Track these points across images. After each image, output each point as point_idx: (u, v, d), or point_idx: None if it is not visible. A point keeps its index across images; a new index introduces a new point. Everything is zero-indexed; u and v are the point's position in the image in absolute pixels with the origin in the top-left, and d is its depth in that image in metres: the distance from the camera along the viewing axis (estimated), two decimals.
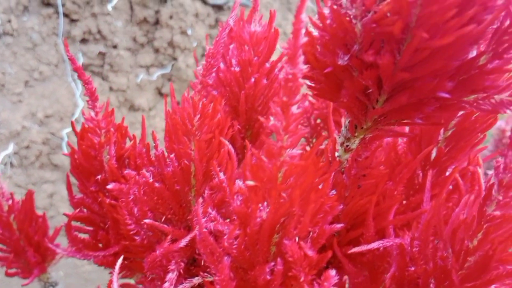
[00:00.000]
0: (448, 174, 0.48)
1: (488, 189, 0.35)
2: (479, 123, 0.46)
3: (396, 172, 0.48)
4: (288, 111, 0.30)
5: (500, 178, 0.34)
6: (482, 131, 0.46)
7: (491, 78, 0.33)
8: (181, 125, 0.42)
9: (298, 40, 0.28)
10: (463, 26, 0.29)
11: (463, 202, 0.39)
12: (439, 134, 0.51)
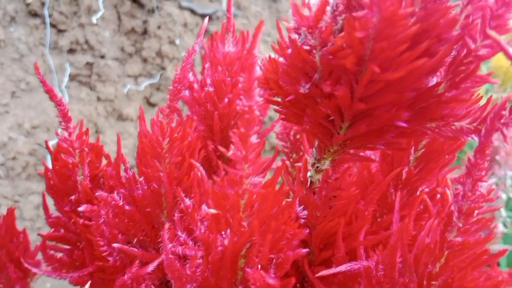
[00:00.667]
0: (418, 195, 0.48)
1: (448, 216, 0.36)
2: (447, 145, 0.46)
3: (368, 192, 0.48)
4: (246, 141, 0.31)
5: (460, 205, 0.35)
6: (451, 153, 0.47)
7: (450, 107, 0.34)
8: (150, 148, 0.42)
9: (252, 74, 0.28)
10: (415, 59, 0.29)
11: (428, 226, 0.40)
12: (410, 154, 0.51)
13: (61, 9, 1.49)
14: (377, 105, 0.32)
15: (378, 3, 0.26)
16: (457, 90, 0.33)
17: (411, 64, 0.29)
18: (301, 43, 0.34)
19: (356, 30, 0.27)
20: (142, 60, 1.63)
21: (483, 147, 0.31)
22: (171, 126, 0.41)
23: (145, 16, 1.59)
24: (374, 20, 0.27)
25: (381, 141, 0.37)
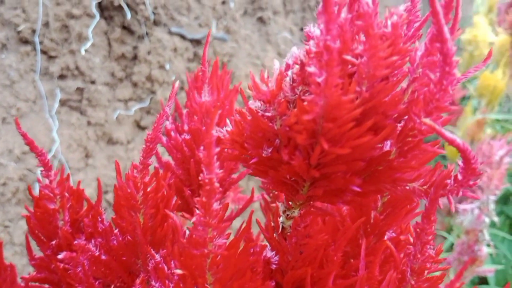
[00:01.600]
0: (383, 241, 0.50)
1: (402, 273, 0.38)
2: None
3: (337, 238, 0.50)
4: (208, 209, 0.33)
5: (412, 265, 0.37)
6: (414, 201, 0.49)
7: (400, 172, 0.36)
8: (125, 201, 0.45)
9: (211, 152, 0.31)
10: (361, 136, 0.32)
11: (387, 279, 0.42)
12: (378, 200, 0.53)
13: (52, 36, 1.51)
14: (330, 172, 0.34)
15: (324, 90, 0.29)
16: (406, 158, 0.35)
17: (357, 141, 0.31)
18: (261, 112, 0.36)
19: (304, 112, 0.30)
20: (132, 84, 1.65)
21: (428, 214, 0.34)
22: (144, 181, 0.44)
23: (135, 42, 1.62)
24: (321, 104, 0.30)
25: (340, 200, 0.39)
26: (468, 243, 1.35)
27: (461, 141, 0.30)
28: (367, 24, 0.28)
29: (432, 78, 0.29)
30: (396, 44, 0.31)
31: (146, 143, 0.43)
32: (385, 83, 0.32)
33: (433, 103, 0.30)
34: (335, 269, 0.50)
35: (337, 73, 0.28)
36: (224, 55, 1.85)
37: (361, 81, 0.31)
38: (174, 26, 1.69)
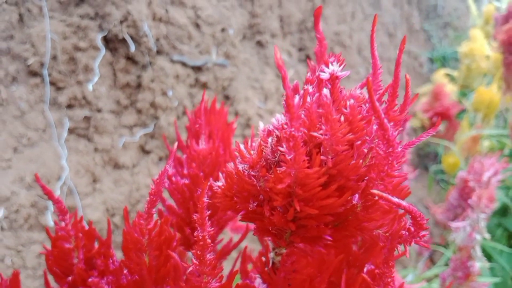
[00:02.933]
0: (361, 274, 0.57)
1: None
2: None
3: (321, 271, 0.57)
4: (203, 260, 0.40)
5: None
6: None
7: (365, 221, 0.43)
8: (132, 245, 0.51)
9: (203, 215, 0.37)
10: (328, 196, 0.38)
11: None
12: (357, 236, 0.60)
13: (60, 68, 1.59)
14: (304, 225, 0.41)
15: (293, 165, 0.35)
16: (369, 211, 0.42)
17: (324, 201, 0.38)
18: (247, 172, 0.43)
19: (279, 182, 0.37)
20: (137, 111, 1.73)
21: (387, 260, 0.40)
22: (149, 227, 0.50)
23: (139, 71, 1.70)
24: (292, 174, 0.36)
25: (317, 244, 0.46)
26: (461, 259, 1.40)
27: (406, 204, 0.36)
28: (326, 112, 0.35)
29: (381, 153, 0.36)
30: (353, 122, 0.37)
31: (150, 196, 0.49)
32: (347, 152, 0.39)
33: (383, 172, 0.37)
34: None
35: (303, 153, 0.35)
36: (225, 79, 1.92)
37: (326, 153, 0.38)
38: (176, 54, 1.77)
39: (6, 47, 1.58)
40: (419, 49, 4.31)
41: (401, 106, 0.40)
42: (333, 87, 0.38)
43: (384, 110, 0.39)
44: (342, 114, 0.38)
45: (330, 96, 0.37)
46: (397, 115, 0.38)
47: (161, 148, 1.80)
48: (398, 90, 0.38)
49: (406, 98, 0.40)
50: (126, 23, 1.63)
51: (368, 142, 0.40)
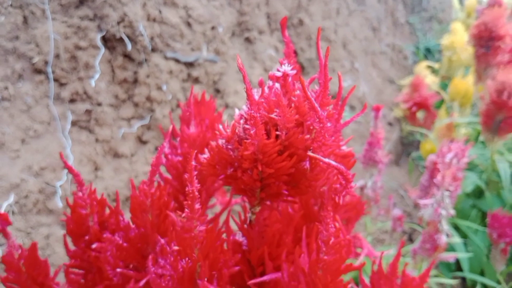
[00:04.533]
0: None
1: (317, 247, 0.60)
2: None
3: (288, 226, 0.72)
4: (193, 208, 0.55)
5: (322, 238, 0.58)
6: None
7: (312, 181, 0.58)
8: (138, 206, 0.66)
9: (192, 174, 0.52)
10: (283, 161, 0.53)
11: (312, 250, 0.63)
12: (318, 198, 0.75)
13: (63, 66, 1.73)
14: (267, 183, 0.56)
15: (254, 137, 0.50)
16: (314, 172, 0.56)
17: (279, 164, 0.53)
18: (225, 146, 0.58)
19: (245, 150, 0.52)
20: (134, 104, 1.87)
21: (326, 206, 0.55)
22: (151, 191, 0.65)
23: (135, 68, 1.84)
24: (255, 145, 0.51)
25: (280, 199, 0.61)
26: (429, 233, 1.56)
27: (335, 164, 0.51)
28: (278, 100, 0.50)
29: (317, 128, 0.51)
30: (299, 107, 0.52)
31: (151, 166, 0.64)
32: (296, 128, 0.54)
33: (320, 142, 0.52)
34: (287, 247, 0.71)
35: (262, 128, 0.50)
36: (215, 74, 2.07)
37: (280, 129, 0.53)
38: (169, 51, 1.91)
39: (12, 47, 1.71)
40: (404, 42, 4.45)
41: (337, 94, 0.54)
42: (285, 81, 0.53)
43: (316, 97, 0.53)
44: (292, 102, 0.53)
45: (281, 88, 0.51)
46: (326, 100, 0.53)
47: (157, 138, 1.94)
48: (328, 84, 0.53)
49: (339, 88, 0.55)
50: (122, 24, 1.77)
51: (311, 121, 0.55)
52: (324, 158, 0.51)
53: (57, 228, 1.65)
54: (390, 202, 1.94)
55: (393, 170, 3.27)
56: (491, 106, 1.96)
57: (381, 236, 2.38)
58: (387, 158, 1.75)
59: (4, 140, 1.61)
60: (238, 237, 0.72)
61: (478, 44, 2.25)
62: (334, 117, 0.54)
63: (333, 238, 0.58)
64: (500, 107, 1.93)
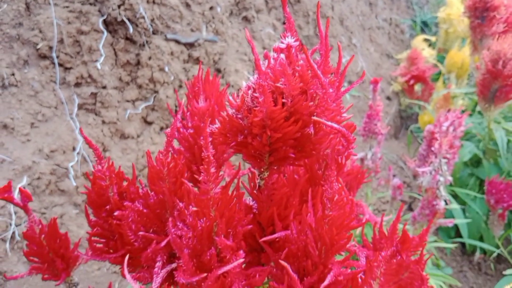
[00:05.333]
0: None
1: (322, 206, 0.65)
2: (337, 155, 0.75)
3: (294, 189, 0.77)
4: (208, 171, 0.60)
5: (327, 195, 0.64)
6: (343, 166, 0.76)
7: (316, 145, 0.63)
8: (156, 174, 0.71)
9: (207, 140, 0.58)
10: (289, 126, 0.58)
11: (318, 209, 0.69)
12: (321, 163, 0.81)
13: (66, 51, 1.77)
14: (275, 148, 0.61)
15: (263, 105, 0.55)
16: (318, 135, 0.62)
17: (286, 129, 0.58)
18: (235, 115, 0.63)
19: (255, 116, 0.57)
20: (137, 86, 1.91)
21: (330, 165, 0.61)
22: (167, 161, 0.70)
23: (137, 50, 1.88)
24: (263, 111, 0.56)
25: (287, 163, 0.66)
26: (428, 199, 1.63)
27: (337, 126, 0.56)
28: (283, 69, 0.55)
29: (320, 94, 0.56)
30: (303, 76, 0.57)
31: (167, 137, 0.70)
32: (300, 96, 0.59)
33: (323, 107, 0.57)
34: (294, 208, 0.77)
35: (269, 96, 0.55)
36: (215, 54, 2.10)
37: (286, 97, 0.58)
38: (170, 33, 1.95)
39: (16, 33, 1.75)
40: (401, 16, 4.46)
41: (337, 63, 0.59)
42: (289, 53, 0.58)
43: (318, 66, 0.58)
44: (296, 71, 0.58)
45: (286, 59, 0.56)
46: (327, 68, 0.58)
47: (161, 119, 1.99)
48: (328, 53, 0.58)
49: (339, 57, 0.60)
50: (123, 7, 1.80)
51: (314, 88, 0.60)
52: (327, 121, 0.56)
53: (70, 207, 1.72)
54: (390, 173, 2.00)
55: (392, 143, 3.33)
56: (486, 75, 2.00)
57: (382, 206, 2.45)
58: (386, 129, 1.80)
59: (14, 124, 1.66)
60: (248, 201, 0.77)
61: (473, 15, 2.28)
62: (335, 84, 0.59)
63: (337, 195, 0.64)
64: (496, 76, 1.97)
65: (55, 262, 1.05)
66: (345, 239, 0.65)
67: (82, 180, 1.75)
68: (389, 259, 0.59)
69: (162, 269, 0.71)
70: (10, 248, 1.56)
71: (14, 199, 0.98)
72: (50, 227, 1.04)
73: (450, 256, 2.55)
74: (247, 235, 0.76)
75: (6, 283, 1.60)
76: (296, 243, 0.69)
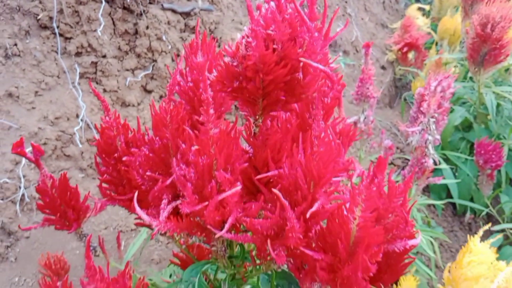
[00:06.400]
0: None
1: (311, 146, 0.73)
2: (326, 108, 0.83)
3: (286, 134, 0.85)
4: (208, 112, 0.67)
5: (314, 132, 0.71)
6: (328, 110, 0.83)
7: (306, 87, 0.70)
8: (160, 121, 0.79)
9: (205, 84, 0.65)
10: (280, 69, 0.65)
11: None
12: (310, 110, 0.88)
13: (66, 21, 1.82)
14: (268, 91, 0.68)
15: (255, 49, 0.62)
16: (306, 79, 0.69)
17: (277, 72, 0.65)
18: (231, 63, 0.70)
19: (249, 60, 0.63)
20: (136, 55, 1.97)
21: (317, 106, 0.68)
22: (170, 109, 0.78)
23: (135, 20, 1.93)
24: (255, 56, 0.63)
25: (279, 107, 0.73)
26: (417, 157, 1.71)
27: (322, 66, 0.63)
28: (273, 17, 0.61)
29: (307, 39, 0.63)
30: (292, 23, 0.64)
31: (169, 87, 0.77)
32: (289, 42, 0.65)
33: (310, 50, 0.64)
34: (286, 151, 0.84)
35: (262, 40, 0.62)
36: (211, 23, 2.15)
37: (277, 43, 0.65)
38: (166, 2, 1.99)
39: (16, 4, 1.79)
40: None
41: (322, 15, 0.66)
42: (279, 2, 0.64)
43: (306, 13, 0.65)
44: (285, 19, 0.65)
45: (276, 8, 0.63)
46: (313, 15, 0.64)
47: (160, 87, 2.05)
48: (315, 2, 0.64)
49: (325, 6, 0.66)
50: None
51: (302, 36, 0.66)
52: (313, 63, 0.63)
53: (76, 172, 1.79)
54: (382, 136, 2.07)
55: (387, 112, 3.40)
56: (476, 39, 2.06)
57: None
58: (378, 93, 1.87)
59: (19, 93, 1.72)
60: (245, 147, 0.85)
61: None
62: (322, 31, 0.66)
63: (323, 133, 0.72)
64: (485, 40, 2.03)
65: (67, 213, 1.13)
66: (331, 173, 0.73)
67: (86, 146, 1.83)
68: (368, 185, 0.67)
69: (168, 205, 0.78)
70: (20, 209, 1.65)
71: (26, 153, 1.06)
72: (60, 181, 1.11)
73: (442, 217, 2.65)
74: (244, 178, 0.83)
75: (17, 242, 1.69)
76: (288, 179, 0.76)
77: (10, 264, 1.66)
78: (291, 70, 0.66)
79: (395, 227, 0.85)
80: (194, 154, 0.71)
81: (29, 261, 1.71)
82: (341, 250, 0.66)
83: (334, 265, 0.71)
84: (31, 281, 1.70)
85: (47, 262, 1.39)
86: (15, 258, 1.65)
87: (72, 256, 1.75)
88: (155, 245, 1.89)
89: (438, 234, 1.87)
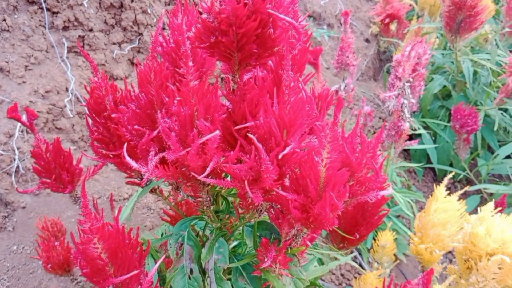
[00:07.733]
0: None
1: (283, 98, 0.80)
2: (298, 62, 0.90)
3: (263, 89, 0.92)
4: (187, 65, 0.75)
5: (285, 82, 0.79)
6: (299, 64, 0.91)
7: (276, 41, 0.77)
8: (145, 79, 0.85)
9: (184, 37, 0.71)
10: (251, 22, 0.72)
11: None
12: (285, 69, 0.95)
13: None
14: (242, 45, 0.76)
15: (228, 3, 0.69)
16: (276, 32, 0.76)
17: (249, 25, 0.72)
18: (207, 18, 0.77)
19: (222, 14, 0.70)
20: (122, 29, 2.02)
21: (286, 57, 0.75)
22: (154, 66, 0.84)
23: None
24: (228, 10, 0.70)
25: (254, 60, 0.80)
26: (394, 121, 1.80)
27: (289, 19, 0.70)
28: None
29: None
30: None
31: (152, 44, 0.83)
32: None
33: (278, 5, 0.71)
34: (263, 105, 0.92)
35: None
36: None
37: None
38: None
39: None
40: None
41: None
42: None
43: None
44: None
45: None
46: None
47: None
48: None
49: None
50: None
51: None
52: (280, 14, 0.70)
53: (68, 144, 1.86)
54: (363, 104, 2.16)
55: (371, 84, 3.47)
56: (452, 7, 2.13)
57: None
58: (357, 61, 1.94)
59: (9, 67, 1.77)
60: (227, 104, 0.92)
61: None
62: None
63: (293, 82, 0.79)
64: (460, 7, 2.10)
65: (61, 175, 1.20)
66: (302, 120, 0.80)
67: (77, 119, 1.89)
68: (332, 127, 0.74)
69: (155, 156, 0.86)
70: (15, 181, 1.71)
71: (21, 117, 1.12)
72: (54, 145, 1.18)
73: (422, 182, 2.76)
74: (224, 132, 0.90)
75: (14, 213, 1.76)
76: (263, 128, 0.83)
77: (8, 233, 1.73)
78: (261, 23, 0.73)
79: (368, 180, 0.93)
80: (176, 105, 0.78)
81: (26, 230, 1.78)
82: (311, 190, 0.74)
83: (306, 205, 0.79)
84: (29, 249, 1.78)
85: (44, 225, 1.47)
86: (12, 228, 1.73)
87: (68, 224, 1.82)
88: (148, 212, 1.97)
89: (416, 196, 1.97)
